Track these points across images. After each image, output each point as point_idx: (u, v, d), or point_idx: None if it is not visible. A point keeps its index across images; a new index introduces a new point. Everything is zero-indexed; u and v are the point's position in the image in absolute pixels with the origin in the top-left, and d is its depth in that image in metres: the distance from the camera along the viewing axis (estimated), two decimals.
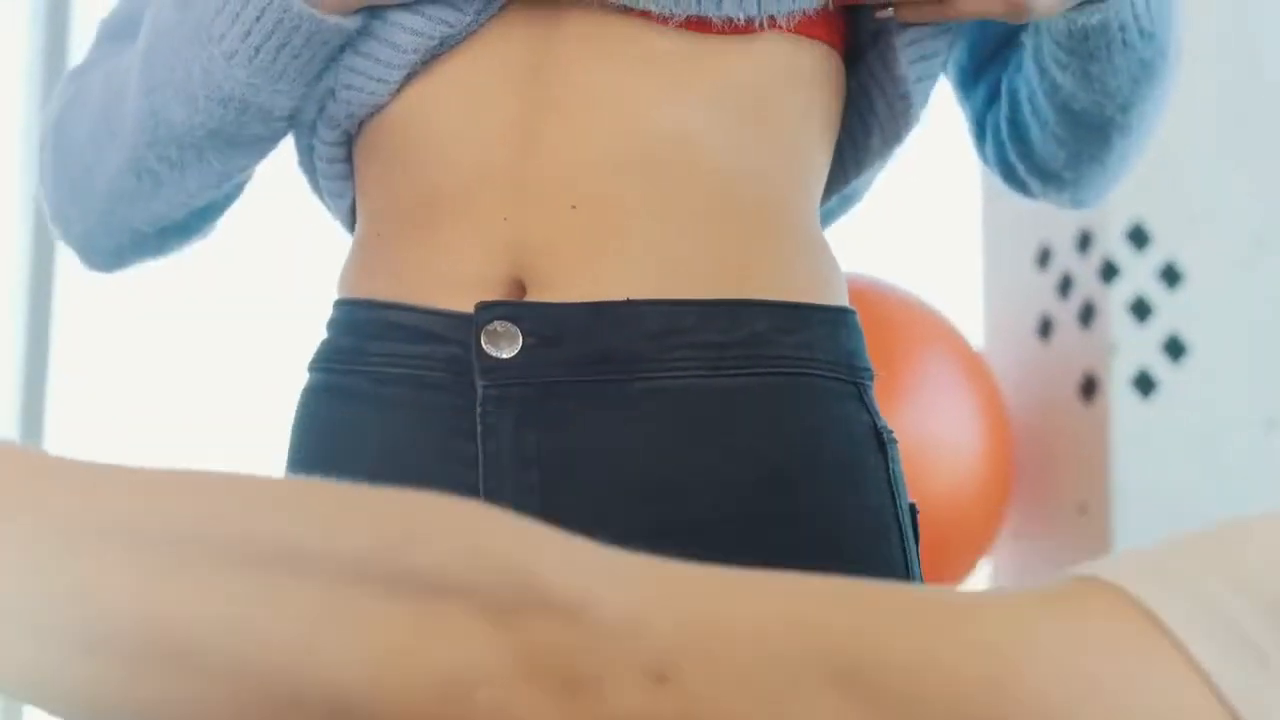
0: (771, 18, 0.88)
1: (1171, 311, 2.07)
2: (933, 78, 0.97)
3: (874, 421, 0.90)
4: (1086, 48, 0.92)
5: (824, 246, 0.94)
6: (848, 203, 1.05)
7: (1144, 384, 2.05)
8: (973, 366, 2.14)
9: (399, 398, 0.89)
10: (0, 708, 1.22)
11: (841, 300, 0.92)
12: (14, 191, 2.62)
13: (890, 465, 0.90)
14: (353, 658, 0.44)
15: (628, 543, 0.84)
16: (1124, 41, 0.91)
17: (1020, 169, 1.05)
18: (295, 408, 0.96)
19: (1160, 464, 2.03)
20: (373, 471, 0.89)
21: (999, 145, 1.05)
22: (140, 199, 0.97)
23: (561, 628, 0.44)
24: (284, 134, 0.98)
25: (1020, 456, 2.20)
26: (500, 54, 0.90)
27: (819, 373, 0.89)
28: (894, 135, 0.97)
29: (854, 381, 0.90)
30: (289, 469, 0.95)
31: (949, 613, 0.47)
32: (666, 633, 0.45)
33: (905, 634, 0.46)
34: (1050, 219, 2.15)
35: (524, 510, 0.85)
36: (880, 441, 0.90)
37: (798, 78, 0.92)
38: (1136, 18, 0.91)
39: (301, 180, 1.03)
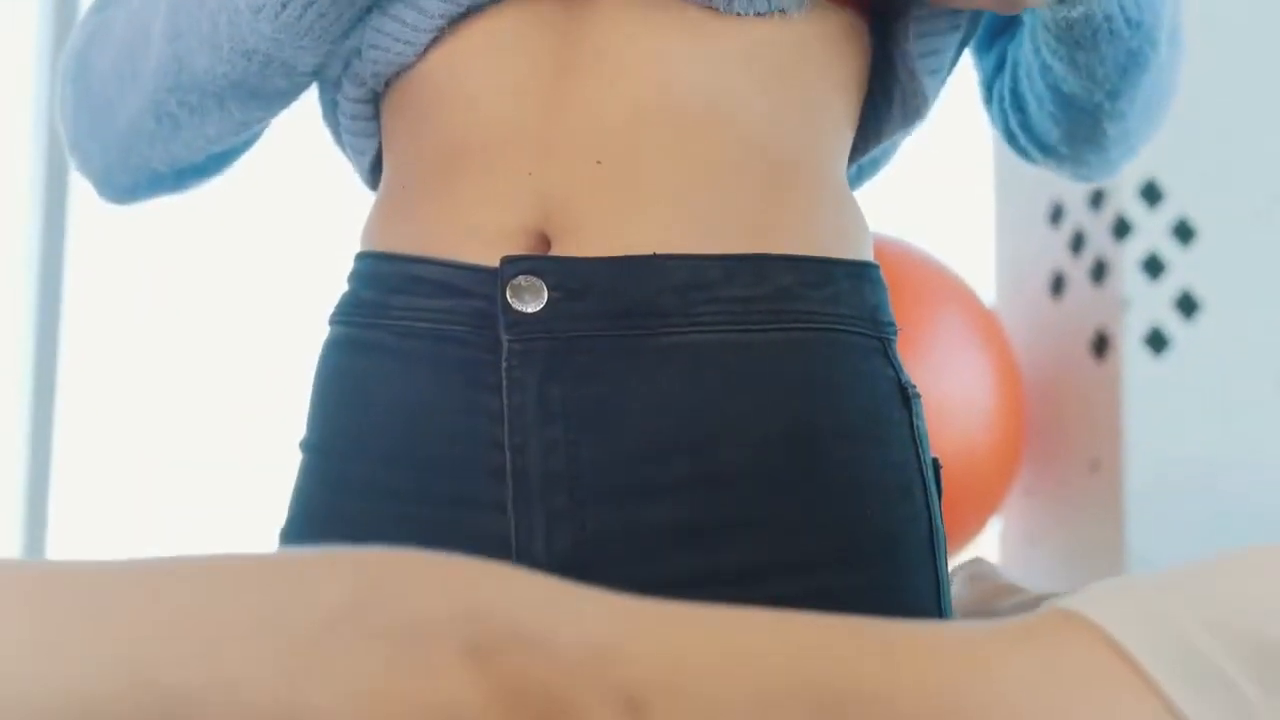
0: (782, 10, 0.88)
1: (1184, 268, 2.07)
2: (938, 54, 0.97)
3: (898, 376, 0.90)
4: (1072, 36, 0.92)
5: (849, 202, 0.94)
6: (871, 169, 1.06)
7: (1156, 341, 2.05)
8: (985, 324, 2.14)
9: (422, 351, 0.89)
10: None
11: (867, 255, 0.92)
12: (23, 174, 2.61)
13: (914, 420, 0.90)
14: (336, 704, 0.45)
15: (651, 497, 0.85)
16: (1110, 31, 0.92)
17: (1021, 138, 1.06)
18: (316, 361, 0.96)
19: (1172, 421, 2.03)
20: (396, 425, 0.90)
21: (1002, 113, 1.07)
22: (159, 141, 0.97)
23: (536, 661, 0.46)
24: (306, 87, 0.97)
25: (1032, 414, 2.21)
26: (528, 14, 0.90)
27: (844, 328, 0.89)
28: (913, 110, 0.97)
29: (879, 336, 0.90)
30: (310, 422, 0.95)
31: (924, 645, 0.48)
32: (639, 663, 0.46)
33: (882, 667, 0.47)
34: None
35: (550, 464, 0.86)
36: (905, 396, 0.90)
37: (823, 41, 0.92)
38: (1123, 8, 0.92)
39: (324, 134, 1.03)
